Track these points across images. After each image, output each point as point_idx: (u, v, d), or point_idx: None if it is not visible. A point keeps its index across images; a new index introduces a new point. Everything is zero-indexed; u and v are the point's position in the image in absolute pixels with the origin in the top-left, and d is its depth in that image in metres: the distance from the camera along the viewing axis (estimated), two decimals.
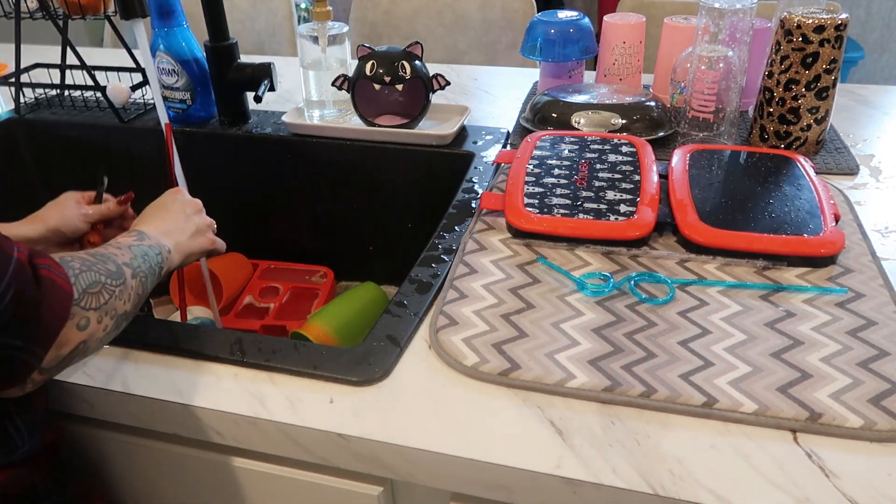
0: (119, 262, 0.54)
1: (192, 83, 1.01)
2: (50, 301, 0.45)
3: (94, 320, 0.49)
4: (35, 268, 0.45)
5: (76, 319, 0.47)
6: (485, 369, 0.57)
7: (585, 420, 0.53)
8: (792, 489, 0.47)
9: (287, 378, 0.59)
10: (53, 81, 1.13)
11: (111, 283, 0.51)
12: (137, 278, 0.55)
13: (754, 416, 0.52)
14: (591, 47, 1.04)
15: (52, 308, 0.45)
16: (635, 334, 0.60)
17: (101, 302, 0.50)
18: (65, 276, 0.47)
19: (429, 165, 0.97)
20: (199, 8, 0.95)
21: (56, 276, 0.46)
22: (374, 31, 1.67)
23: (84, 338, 0.49)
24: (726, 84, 0.87)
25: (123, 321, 0.54)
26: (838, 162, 0.88)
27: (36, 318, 0.44)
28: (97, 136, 1.09)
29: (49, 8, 1.00)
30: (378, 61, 0.93)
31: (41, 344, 0.45)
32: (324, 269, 1.09)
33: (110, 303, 0.51)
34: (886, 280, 0.65)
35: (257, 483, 0.62)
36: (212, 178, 1.06)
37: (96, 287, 0.50)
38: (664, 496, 0.47)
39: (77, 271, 0.49)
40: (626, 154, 0.83)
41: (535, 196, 0.75)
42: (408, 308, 0.65)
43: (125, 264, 0.55)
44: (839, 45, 0.81)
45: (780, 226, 0.69)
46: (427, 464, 0.52)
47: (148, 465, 0.66)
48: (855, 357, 0.56)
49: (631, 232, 0.70)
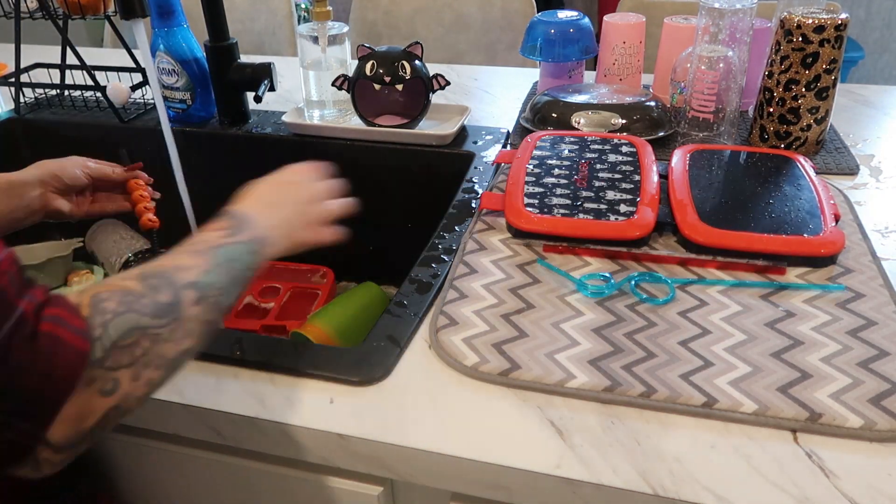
0: (179, 284, 0.44)
1: (192, 83, 1.01)
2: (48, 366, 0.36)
3: (125, 380, 0.39)
4: (39, 319, 0.37)
5: (98, 384, 0.38)
6: (485, 369, 0.57)
7: (585, 420, 0.53)
8: (792, 489, 0.47)
9: (287, 378, 0.59)
10: (53, 81, 1.13)
11: (155, 325, 0.41)
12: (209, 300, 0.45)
13: (754, 416, 0.52)
14: (591, 47, 1.04)
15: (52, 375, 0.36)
16: (635, 334, 0.60)
17: (136, 355, 0.40)
18: (80, 331, 0.38)
19: (429, 165, 0.97)
20: (199, 8, 0.95)
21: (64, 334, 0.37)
22: (374, 31, 1.67)
23: (113, 403, 0.39)
24: (726, 84, 0.87)
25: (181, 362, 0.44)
26: (838, 162, 0.88)
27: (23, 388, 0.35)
28: (97, 136, 1.09)
29: (49, 8, 1.00)
30: (378, 61, 0.93)
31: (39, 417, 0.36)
32: (324, 269, 1.09)
33: (153, 351, 0.41)
34: (886, 280, 0.65)
35: (258, 483, 0.62)
36: (212, 178, 1.06)
37: (130, 338, 0.40)
38: (664, 496, 0.47)
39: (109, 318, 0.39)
40: (626, 154, 0.83)
41: (535, 196, 0.75)
42: (408, 308, 0.65)
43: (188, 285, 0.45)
44: (839, 45, 0.81)
45: (780, 226, 0.69)
46: (427, 464, 0.52)
47: (148, 465, 0.66)
48: (855, 357, 0.56)
49: (631, 232, 0.70)
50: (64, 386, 0.37)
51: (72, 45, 1.07)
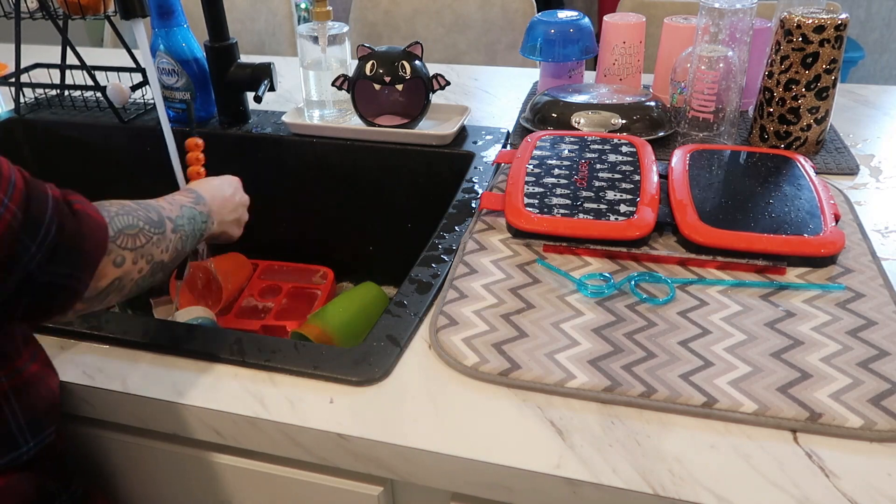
0: (163, 214, 0.57)
1: (192, 83, 1.01)
2: (88, 231, 0.48)
3: (129, 260, 0.52)
4: (69, 203, 0.48)
5: (112, 255, 0.50)
6: (485, 369, 0.57)
7: (585, 420, 0.53)
8: (792, 489, 0.47)
9: (287, 378, 0.59)
10: (53, 81, 1.13)
11: (149, 230, 0.54)
12: (178, 234, 0.59)
13: (754, 416, 0.52)
14: (591, 47, 1.04)
15: (91, 238, 0.48)
16: (635, 334, 0.60)
17: (136, 244, 0.52)
18: (97, 211, 0.50)
19: (429, 165, 0.97)
20: (199, 8, 0.95)
21: (90, 210, 0.49)
22: (374, 31, 1.67)
23: (119, 274, 0.51)
24: (726, 84, 0.87)
25: (159, 270, 0.56)
26: (838, 162, 0.88)
27: (79, 246, 0.47)
28: (97, 136, 1.09)
29: (49, 8, 1.00)
30: (378, 61, 0.93)
31: (85, 270, 0.48)
32: (324, 269, 1.09)
33: (147, 247, 0.53)
34: (886, 280, 0.65)
35: (257, 483, 0.62)
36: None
37: (133, 230, 0.52)
38: (664, 496, 0.47)
39: (113, 213, 0.51)
40: (626, 154, 0.83)
41: (535, 196, 0.75)
42: (408, 308, 0.65)
43: (169, 218, 0.58)
44: (839, 45, 0.81)
45: (780, 226, 0.69)
46: (427, 464, 0.52)
47: (148, 464, 0.66)
48: (855, 357, 0.56)
49: (631, 232, 0.70)
50: (100, 247, 0.49)
51: (72, 45, 1.07)
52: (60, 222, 0.46)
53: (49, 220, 0.45)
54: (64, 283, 0.47)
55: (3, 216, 0.43)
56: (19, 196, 0.44)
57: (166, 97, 1.03)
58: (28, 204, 0.44)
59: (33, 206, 0.45)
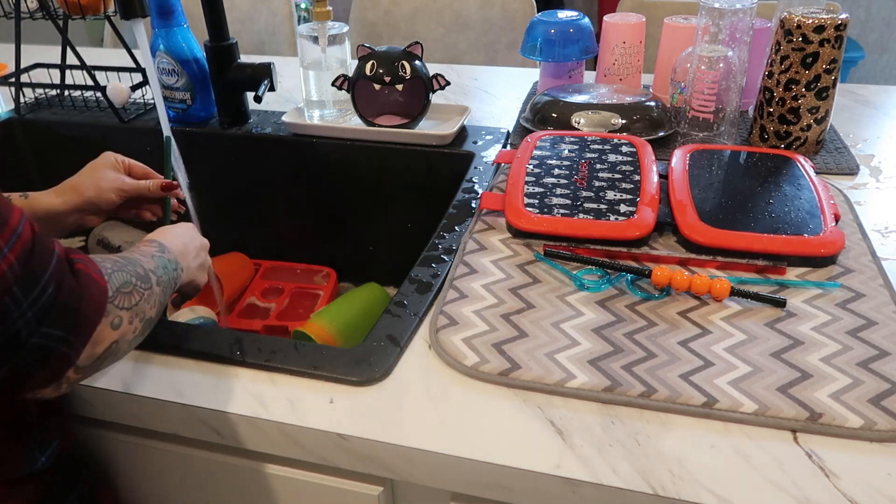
0: (146, 267, 0.54)
1: (192, 83, 1.01)
2: (88, 294, 0.45)
3: (125, 320, 0.49)
4: (71, 262, 0.45)
5: (110, 317, 0.47)
6: (485, 369, 0.57)
7: (585, 420, 0.53)
8: (792, 489, 0.47)
9: (287, 378, 0.59)
10: (53, 81, 1.13)
11: (141, 286, 0.52)
12: (161, 286, 0.56)
13: (754, 416, 0.52)
14: (591, 47, 1.04)
15: (91, 301, 0.45)
16: (635, 334, 0.60)
17: (132, 303, 0.50)
18: (99, 272, 0.47)
19: (429, 165, 0.97)
20: (199, 8, 0.95)
21: (91, 272, 0.46)
22: (374, 31, 1.67)
23: (116, 337, 0.48)
24: (726, 84, 0.87)
25: (148, 327, 0.53)
26: (838, 162, 0.88)
27: (75, 307, 0.44)
28: (97, 136, 1.09)
29: (49, 8, 1.00)
30: (378, 61, 0.93)
31: (80, 335, 0.45)
32: (326, 270, 1.09)
33: (140, 305, 0.51)
34: (886, 280, 0.65)
35: (257, 483, 0.62)
36: (212, 178, 1.06)
37: (128, 287, 0.50)
38: (664, 496, 0.47)
39: (110, 271, 0.49)
40: (626, 154, 0.83)
41: (535, 196, 0.75)
42: (408, 308, 0.65)
43: (151, 271, 0.55)
44: (839, 45, 0.81)
45: (780, 226, 0.69)
46: (427, 464, 0.52)
47: (148, 464, 0.66)
48: (855, 357, 0.56)
49: (631, 232, 0.70)
50: (99, 310, 0.46)
51: (72, 45, 1.07)
52: (59, 282, 0.43)
53: (48, 278, 0.43)
54: (55, 348, 0.43)
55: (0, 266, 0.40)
56: (21, 247, 0.42)
57: (166, 97, 1.03)
58: (29, 258, 0.42)
59: (35, 260, 0.42)
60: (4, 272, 0.40)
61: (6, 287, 0.40)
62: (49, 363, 0.44)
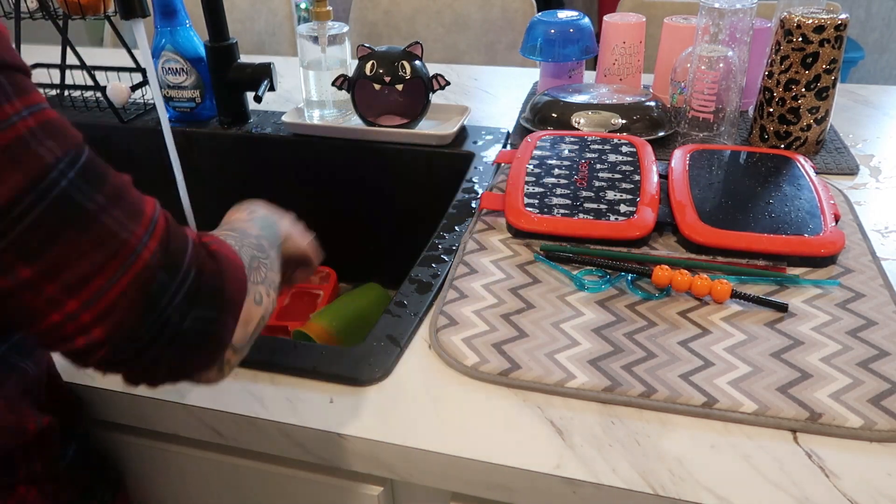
0: (254, 234, 0.54)
1: (203, 82, 1.00)
2: (229, 274, 0.45)
3: (264, 294, 0.48)
4: (205, 245, 0.45)
5: (251, 294, 0.47)
6: (485, 369, 0.57)
7: (585, 420, 0.53)
8: (792, 489, 0.47)
9: (287, 378, 0.59)
10: (53, 81, 1.13)
11: (261, 256, 0.51)
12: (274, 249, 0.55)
13: (754, 416, 0.52)
14: (591, 47, 1.04)
15: (232, 281, 0.45)
16: (635, 334, 0.60)
17: (262, 276, 0.49)
18: (234, 252, 0.47)
19: (429, 165, 0.97)
20: (199, 8, 0.95)
21: (226, 251, 0.46)
22: (374, 31, 1.67)
23: (262, 312, 0.48)
24: (726, 84, 0.87)
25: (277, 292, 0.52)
26: (838, 162, 0.88)
27: (220, 288, 0.44)
28: (97, 136, 1.08)
29: (49, 8, 1.00)
30: (378, 61, 0.93)
31: (230, 315, 0.44)
32: (326, 270, 1.09)
33: (268, 276, 0.50)
34: (886, 280, 0.65)
35: (257, 483, 0.62)
36: (212, 178, 1.06)
37: (255, 262, 0.49)
38: (664, 496, 0.47)
39: (237, 248, 0.48)
40: (626, 154, 0.83)
41: (535, 196, 0.75)
42: (408, 308, 0.65)
43: (261, 237, 0.54)
44: (839, 45, 0.81)
45: (780, 226, 0.69)
46: (427, 464, 0.52)
47: (147, 464, 0.66)
48: (855, 357, 0.56)
49: (631, 232, 0.70)
50: (241, 289, 0.45)
51: (72, 45, 1.07)
52: (200, 265, 0.43)
53: (188, 262, 0.42)
54: (209, 330, 0.43)
55: (142, 254, 0.40)
56: (160, 234, 0.42)
57: (172, 97, 1.03)
58: (168, 244, 0.42)
59: (173, 246, 0.42)
60: (147, 260, 0.40)
61: (152, 275, 0.40)
62: (206, 346, 0.44)
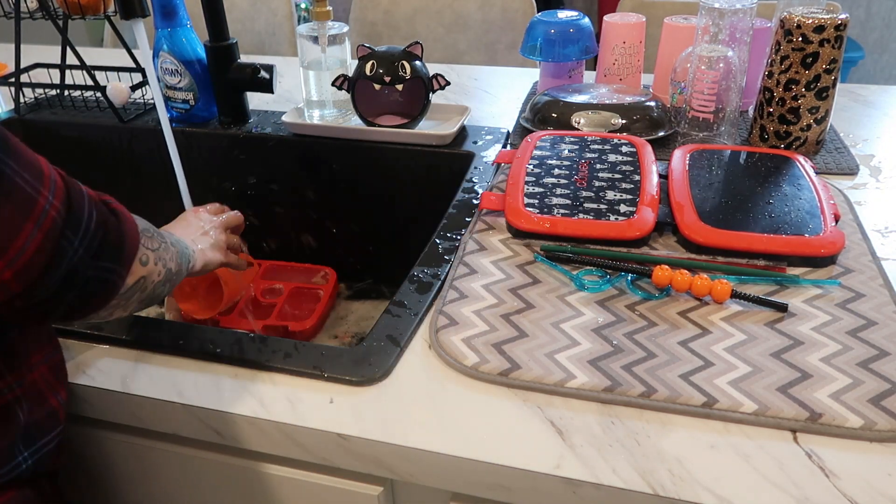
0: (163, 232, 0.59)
1: (196, 83, 1.00)
2: (126, 229, 0.50)
3: (151, 260, 0.53)
4: (105, 202, 0.50)
5: (139, 253, 0.52)
6: (485, 369, 0.57)
7: (585, 420, 0.53)
8: (792, 489, 0.47)
9: (287, 378, 0.59)
10: (53, 81, 1.13)
11: (158, 236, 0.56)
12: (176, 248, 0.60)
13: (754, 416, 0.52)
14: (591, 47, 1.04)
15: (129, 235, 0.50)
16: (635, 334, 0.60)
17: (155, 246, 0.54)
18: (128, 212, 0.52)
19: (429, 165, 0.97)
20: (199, 8, 0.95)
21: (123, 210, 0.51)
22: (374, 31, 1.67)
23: (144, 273, 0.52)
24: (726, 84, 0.87)
25: (167, 280, 0.57)
26: (838, 162, 0.88)
27: (121, 242, 0.49)
28: (97, 136, 1.09)
29: (49, 8, 1.00)
30: (378, 61, 0.93)
31: (125, 266, 0.50)
32: (326, 270, 1.09)
33: (161, 251, 0.55)
34: (886, 280, 0.65)
35: (257, 483, 0.62)
36: (212, 178, 1.06)
37: (150, 233, 0.54)
38: (664, 496, 0.47)
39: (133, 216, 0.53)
40: (626, 154, 0.83)
41: (535, 196, 0.75)
42: (408, 308, 0.65)
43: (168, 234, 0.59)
44: (839, 45, 0.81)
45: (780, 226, 0.69)
46: (427, 464, 0.52)
47: (147, 464, 0.66)
48: (855, 357, 0.56)
49: (631, 232, 0.70)
50: (134, 245, 0.51)
51: (72, 45, 1.07)
52: (101, 219, 0.48)
53: (88, 217, 0.47)
54: (106, 278, 0.48)
55: (49, 213, 0.44)
56: (61, 193, 0.45)
57: (169, 97, 1.03)
58: (70, 202, 0.46)
59: (74, 203, 0.46)
60: (54, 218, 0.44)
61: (59, 232, 0.44)
62: (100, 292, 0.49)
